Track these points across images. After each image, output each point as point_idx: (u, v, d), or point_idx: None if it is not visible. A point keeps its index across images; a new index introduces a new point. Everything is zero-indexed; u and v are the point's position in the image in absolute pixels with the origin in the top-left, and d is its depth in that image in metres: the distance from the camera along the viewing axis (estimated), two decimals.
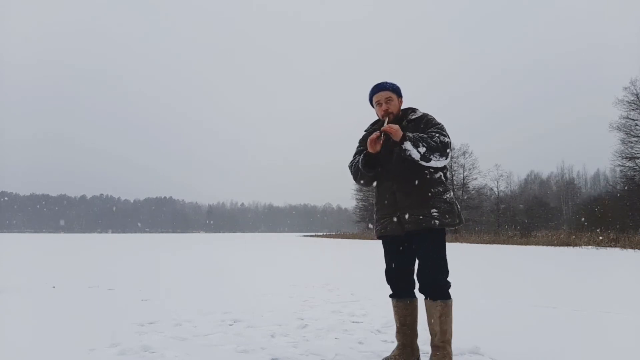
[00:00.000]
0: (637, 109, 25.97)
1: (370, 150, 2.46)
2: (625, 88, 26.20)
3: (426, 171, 2.46)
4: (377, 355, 2.72)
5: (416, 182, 2.45)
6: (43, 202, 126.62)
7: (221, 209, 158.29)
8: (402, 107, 2.68)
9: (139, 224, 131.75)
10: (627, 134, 26.25)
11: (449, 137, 2.43)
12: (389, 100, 2.59)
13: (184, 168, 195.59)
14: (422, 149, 2.31)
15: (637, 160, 25.96)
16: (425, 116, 2.58)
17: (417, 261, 2.50)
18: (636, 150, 26.08)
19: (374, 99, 2.64)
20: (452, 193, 2.55)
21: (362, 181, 2.66)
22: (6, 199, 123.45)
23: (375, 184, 2.69)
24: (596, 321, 3.82)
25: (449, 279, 2.44)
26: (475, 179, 39.86)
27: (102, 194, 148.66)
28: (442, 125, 2.50)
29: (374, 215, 2.68)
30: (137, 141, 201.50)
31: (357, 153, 2.71)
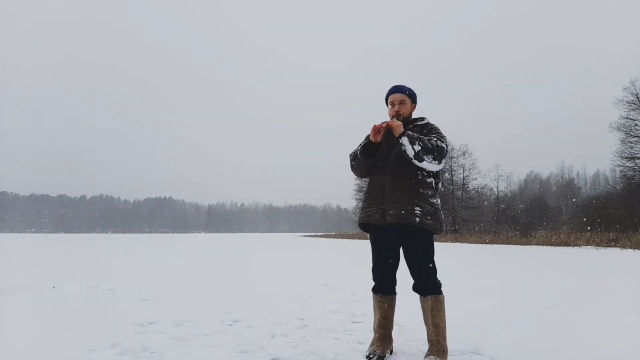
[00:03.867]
0: (636, 109, 25.97)
1: (371, 138, 2.62)
2: (625, 88, 26.21)
3: (419, 172, 2.60)
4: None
5: (408, 180, 2.59)
6: (43, 202, 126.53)
7: (221, 209, 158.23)
8: (413, 114, 2.82)
9: (139, 224, 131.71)
10: (626, 134, 26.25)
11: (446, 146, 2.57)
12: (402, 102, 2.75)
13: (184, 168, 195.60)
14: (417, 147, 2.45)
15: (637, 160, 25.95)
16: (430, 125, 2.74)
17: (408, 265, 2.63)
18: (636, 150, 26.08)
19: (389, 99, 2.80)
20: (439, 201, 2.68)
21: (357, 168, 2.76)
22: (6, 199, 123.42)
23: (369, 178, 2.80)
24: (596, 321, 3.82)
25: (438, 277, 2.61)
26: (475, 179, 39.81)
27: (102, 194, 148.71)
28: (444, 135, 2.64)
29: (361, 204, 2.80)
30: (137, 141, 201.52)
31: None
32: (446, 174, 39.78)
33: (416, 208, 2.52)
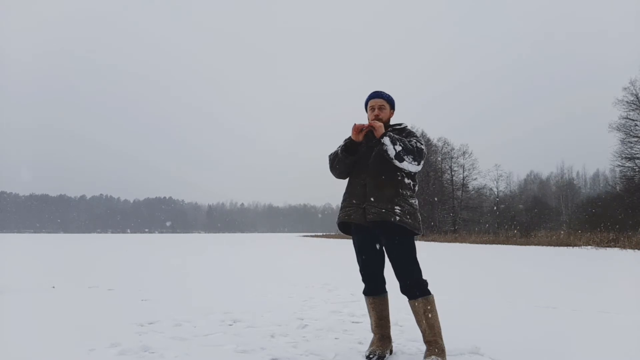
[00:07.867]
0: (636, 109, 26.00)
1: (353, 137, 2.66)
2: (625, 88, 26.25)
3: (399, 173, 2.65)
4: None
5: (388, 180, 2.63)
6: (43, 202, 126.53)
7: (221, 209, 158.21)
8: (391, 121, 2.87)
9: (139, 225, 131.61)
10: (626, 134, 26.29)
11: (425, 148, 2.65)
12: (382, 107, 2.80)
13: (184, 168, 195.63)
14: (398, 147, 2.50)
15: (636, 161, 25.98)
16: (408, 129, 2.82)
17: (392, 266, 2.64)
18: (636, 151, 26.11)
19: (369, 104, 2.86)
20: (417, 202, 2.74)
21: (338, 168, 2.77)
22: (6, 199, 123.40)
23: (348, 179, 2.83)
24: (596, 321, 3.82)
25: (424, 277, 2.61)
26: (475, 179, 39.85)
27: (102, 194, 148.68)
28: (421, 139, 2.70)
29: (340, 204, 2.83)
30: (137, 141, 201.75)
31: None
32: (446, 174, 39.80)
33: (396, 207, 2.56)
